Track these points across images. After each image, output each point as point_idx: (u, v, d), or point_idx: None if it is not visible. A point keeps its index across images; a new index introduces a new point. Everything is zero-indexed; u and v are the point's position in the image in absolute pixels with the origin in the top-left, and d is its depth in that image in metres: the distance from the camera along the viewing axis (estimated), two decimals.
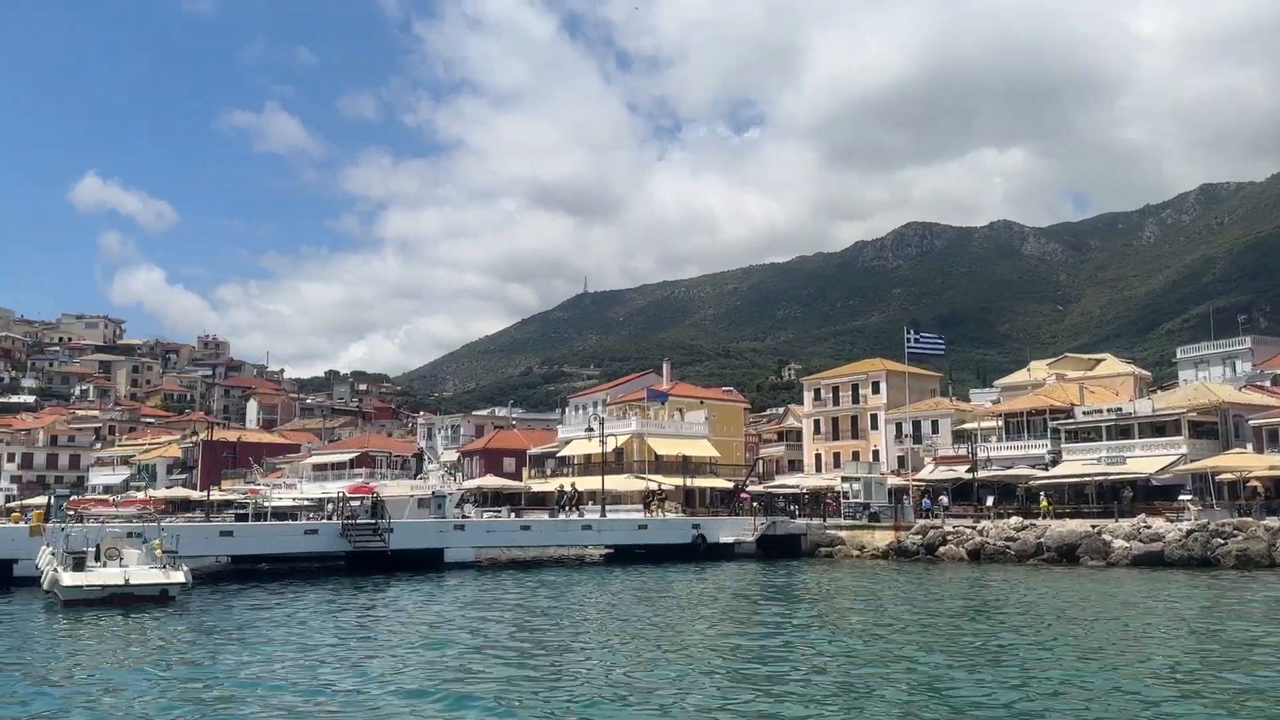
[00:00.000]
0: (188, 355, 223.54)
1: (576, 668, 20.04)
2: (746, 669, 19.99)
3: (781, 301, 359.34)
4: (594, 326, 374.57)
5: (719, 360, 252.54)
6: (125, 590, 27.82)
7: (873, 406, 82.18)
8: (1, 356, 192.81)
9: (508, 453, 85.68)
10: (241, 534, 40.52)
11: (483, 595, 34.14)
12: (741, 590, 37.65)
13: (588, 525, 48.93)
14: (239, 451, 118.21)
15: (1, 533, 34.27)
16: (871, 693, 17.42)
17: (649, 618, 28.32)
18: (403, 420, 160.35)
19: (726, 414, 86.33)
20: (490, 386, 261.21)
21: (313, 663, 20.70)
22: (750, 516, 56.83)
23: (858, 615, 29.03)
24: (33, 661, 21.00)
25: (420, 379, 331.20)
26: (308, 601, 32.15)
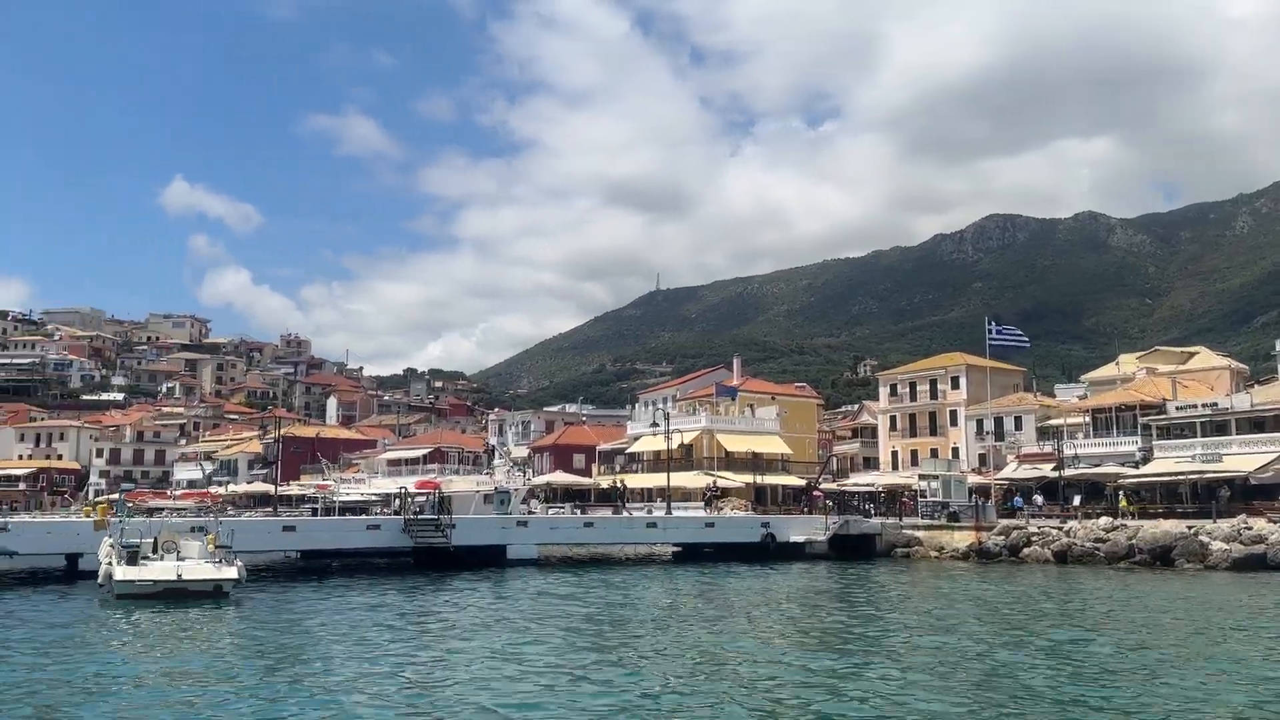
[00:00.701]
0: (271, 353, 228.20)
1: (629, 675, 18.88)
2: (819, 680, 18.60)
3: (857, 297, 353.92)
4: (667, 323, 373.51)
5: (792, 357, 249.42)
6: (178, 585, 27.48)
7: (952, 402, 79.51)
8: (92, 355, 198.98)
9: (577, 449, 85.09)
10: (305, 529, 40.30)
11: (538, 595, 33.19)
12: (812, 592, 36.06)
13: (653, 523, 47.69)
14: (317, 447, 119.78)
15: (67, 527, 34.55)
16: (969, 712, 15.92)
17: (707, 623, 27.04)
18: (477, 417, 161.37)
19: (799, 410, 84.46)
20: (564, 384, 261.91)
21: (345, 662, 20.02)
22: (822, 515, 55.03)
23: (943, 620, 27.26)
24: (73, 654, 20.68)
25: (496, 376, 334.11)
26: (361, 599, 31.57)
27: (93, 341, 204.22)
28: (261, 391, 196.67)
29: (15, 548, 33.43)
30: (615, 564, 46.29)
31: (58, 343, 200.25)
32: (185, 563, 28.46)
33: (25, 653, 20.75)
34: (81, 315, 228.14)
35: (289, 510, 65.68)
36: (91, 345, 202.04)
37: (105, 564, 27.73)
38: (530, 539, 43.21)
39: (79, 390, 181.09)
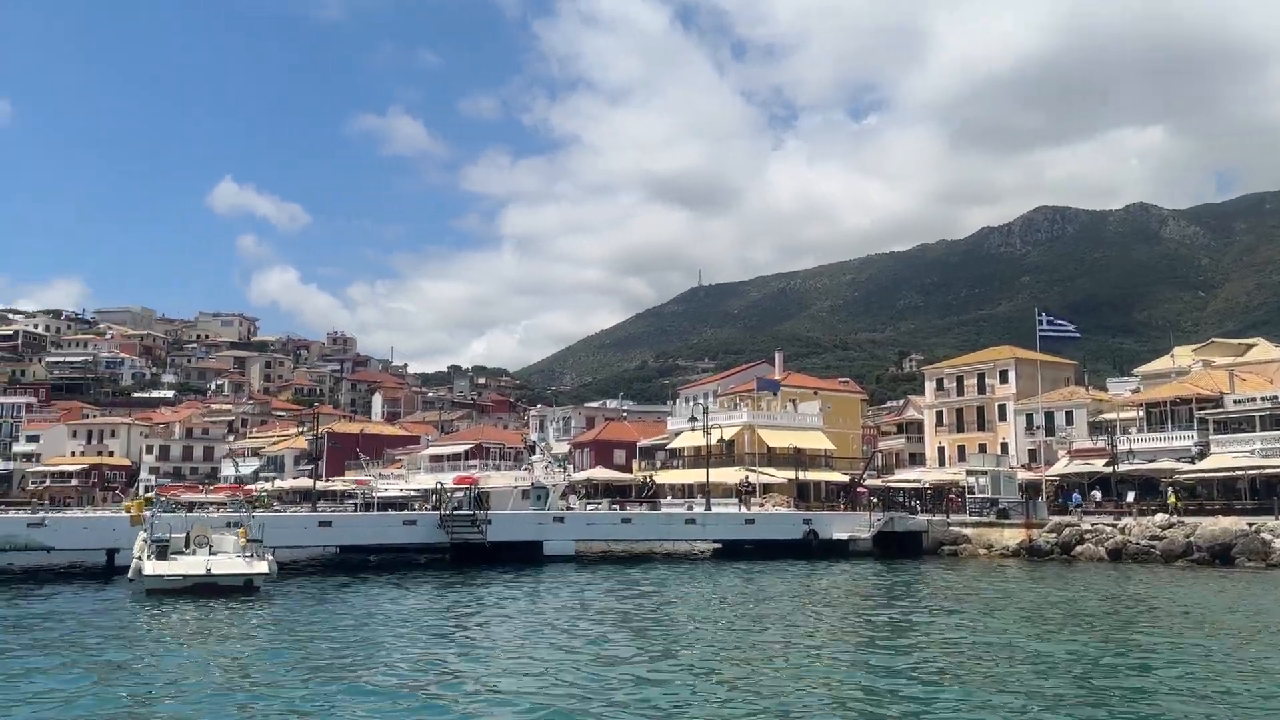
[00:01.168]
0: (317, 351, 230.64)
1: (667, 676, 18.14)
2: (872, 682, 17.74)
3: (902, 291, 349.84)
4: (709, 319, 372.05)
5: (836, 353, 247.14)
6: (208, 580, 27.20)
7: (1000, 396, 77.80)
8: (143, 354, 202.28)
9: (618, 445, 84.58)
10: (341, 524, 40.09)
11: (573, 591, 32.53)
12: (858, 590, 35.05)
13: (691, 519, 46.87)
14: (360, 443, 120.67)
15: (104, 522, 34.56)
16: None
17: (750, 621, 26.21)
18: (519, 413, 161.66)
19: (842, 405, 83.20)
20: (606, 380, 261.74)
21: (367, 658, 19.56)
22: (866, 512, 53.86)
23: (998, 622, 26.15)
24: (95, 647, 20.40)
25: (539, 373, 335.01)
26: (391, 594, 31.16)
27: (144, 340, 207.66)
28: (308, 389, 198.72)
29: (52, 543, 33.50)
30: (654, 561, 45.56)
31: (110, 341, 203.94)
32: (215, 557, 28.21)
33: (40, 646, 20.52)
34: (133, 315, 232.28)
35: (333, 506, 65.84)
36: (142, 344, 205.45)
37: (135, 559, 27.51)
38: (567, 535, 42.65)
39: (130, 388, 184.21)
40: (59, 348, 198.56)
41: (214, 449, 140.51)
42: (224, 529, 31.57)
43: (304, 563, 42.15)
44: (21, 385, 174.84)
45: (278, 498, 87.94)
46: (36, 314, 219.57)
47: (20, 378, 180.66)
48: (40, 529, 33.12)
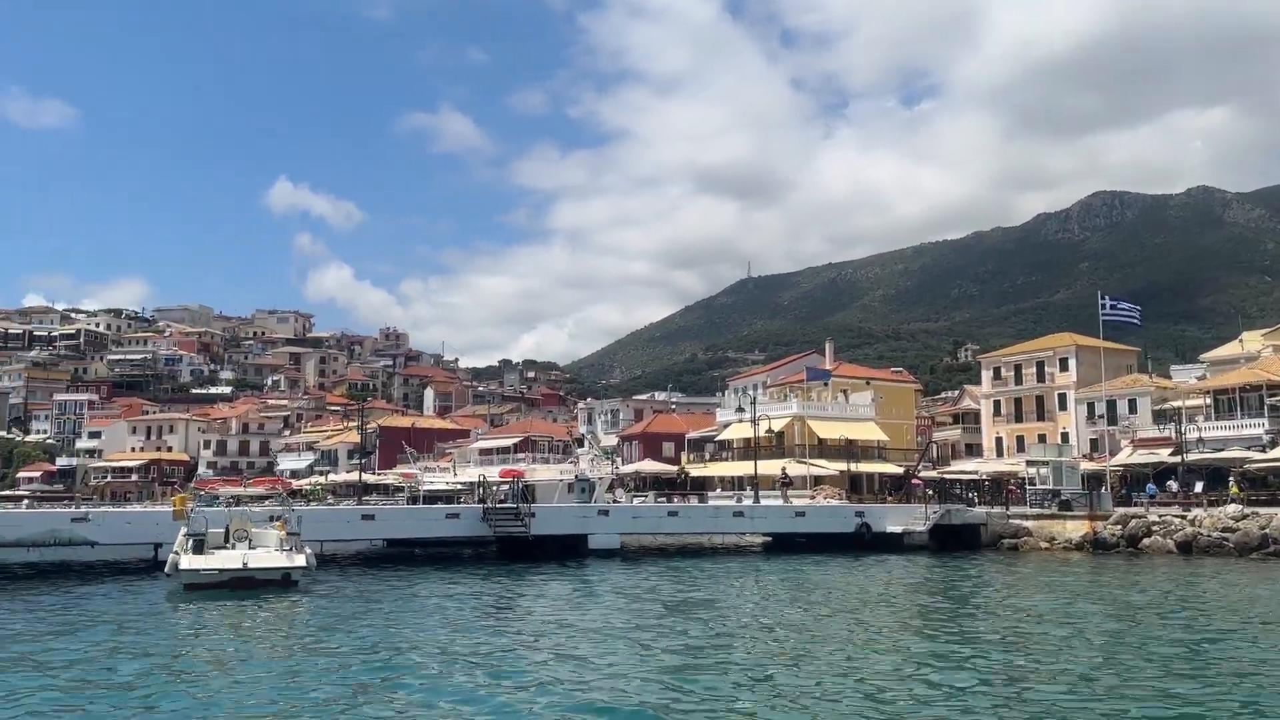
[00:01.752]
0: (371, 346, 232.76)
1: (719, 674, 17.20)
2: (937, 680, 16.65)
3: (957, 280, 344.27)
4: (759, 311, 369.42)
5: (889, 343, 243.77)
6: (245, 574, 26.75)
7: (1060, 385, 75.53)
8: (201, 350, 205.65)
9: (666, 437, 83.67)
10: (384, 517, 39.65)
11: (617, 586, 31.63)
12: (916, 585, 33.63)
13: (739, 512, 45.71)
14: (412, 437, 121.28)
15: (146, 517, 34.48)
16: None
17: (804, 617, 25.15)
18: (569, 407, 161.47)
19: (896, 395, 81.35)
20: (656, 373, 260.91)
21: (394, 653, 18.88)
22: (921, 504, 52.27)
23: (1074, 616, 24.79)
24: (121, 643, 20.00)
25: (588, 367, 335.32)
26: (431, 587, 30.53)
27: (202, 337, 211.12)
28: (362, 383, 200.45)
29: (95, 538, 33.45)
30: (702, 554, 44.53)
31: (169, 339, 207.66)
32: (253, 551, 27.79)
33: (63, 639, 20.18)
34: (191, 312, 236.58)
35: (384, 499, 65.80)
36: (201, 341, 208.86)
37: (172, 554, 27.17)
38: (612, 528, 41.78)
39: (189, 384, 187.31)
40: (120, 346, 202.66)
41: (270, 444, 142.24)
42: (265, 523, 31.25)
43: (349, 556, 41.90)
44: (84, 383, 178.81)
45: (331, 491, 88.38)
46: (98, 313, 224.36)
47: (83, 376, 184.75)
48: (84, 524, 33.08)
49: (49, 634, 21.11)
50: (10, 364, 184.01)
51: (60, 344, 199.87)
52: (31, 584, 29.67)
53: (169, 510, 31.21)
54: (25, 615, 23.51)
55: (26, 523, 32.81)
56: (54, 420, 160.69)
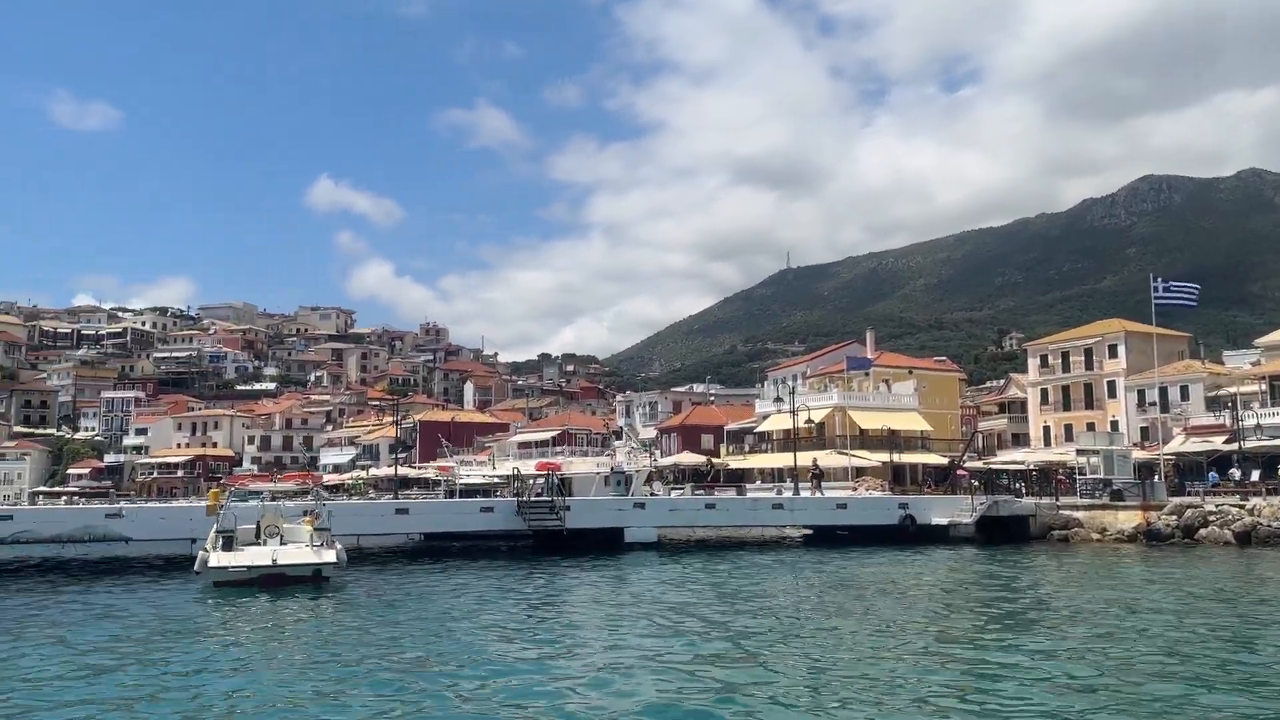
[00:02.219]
0: (411, 342, 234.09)
1: (761, 673, 16.40)
2: (993, 676, 15.74)
3: (1000, 268, 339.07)
4: (799, 302, 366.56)
5: (932, 332, 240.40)
6: (275, 570, 26.21)
7: (1109, 372, 73.60)
8: (245, 347, 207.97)
9: (705, 429, 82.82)
10: (418, 511, 39.18)
11: (653, 580, 30.88)
12: (966, 578, 32.44)
13: (779, 504, 44.62)
14: (452, 431, 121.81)
15: (181, 512, 34.27)
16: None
17: (850, 612, 24.21)
18: (608, 400, 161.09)
19: (939, 385, 79.77)
20: (695, 366, 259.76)
21: (421, 652, 18.26)
22: (967, 495, 50.91)
23: (1139, 610, 23.67)
24: (146, 644, 19.52)
25: (627, 360, 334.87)
26: (463, 582, 29.95)
27: (245, 334, 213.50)
28: (403, 378, 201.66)
29: (130, 534, 33.28)
30: (741, 548, 43.59)
31: (213, 336, 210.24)
32: (282, 547, 27.32)
33: (81, 640, 19.82)
34: (235, 310, 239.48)
35: (424, 493, 65.72)
36: (244, 338, 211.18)
37: (201, 551, 26.70)
38: (648, 521, 40.95)
39: (233, 381, 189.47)
40: (165, 344, 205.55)
41: (313, 439, 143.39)
42: (298, 518, 30.88)
43: (384, 550, 41.58)
44: (131, 380, 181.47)
45: (373, 485, 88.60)
46: (144, 312, 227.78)
47: (129, 373, 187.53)
48: (118, 519, 32.92)
49: (69, 628, 20.78)
50: (59, 363, 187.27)
51: (108, 342, 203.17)
52: (60, 580, 29.47)
53: (203, 506, 30.84)
54: (50, 612, 23.16)
55: (61, 519, 32.74)
56: (102, 417, 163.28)
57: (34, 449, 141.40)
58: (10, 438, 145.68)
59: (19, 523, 31.63)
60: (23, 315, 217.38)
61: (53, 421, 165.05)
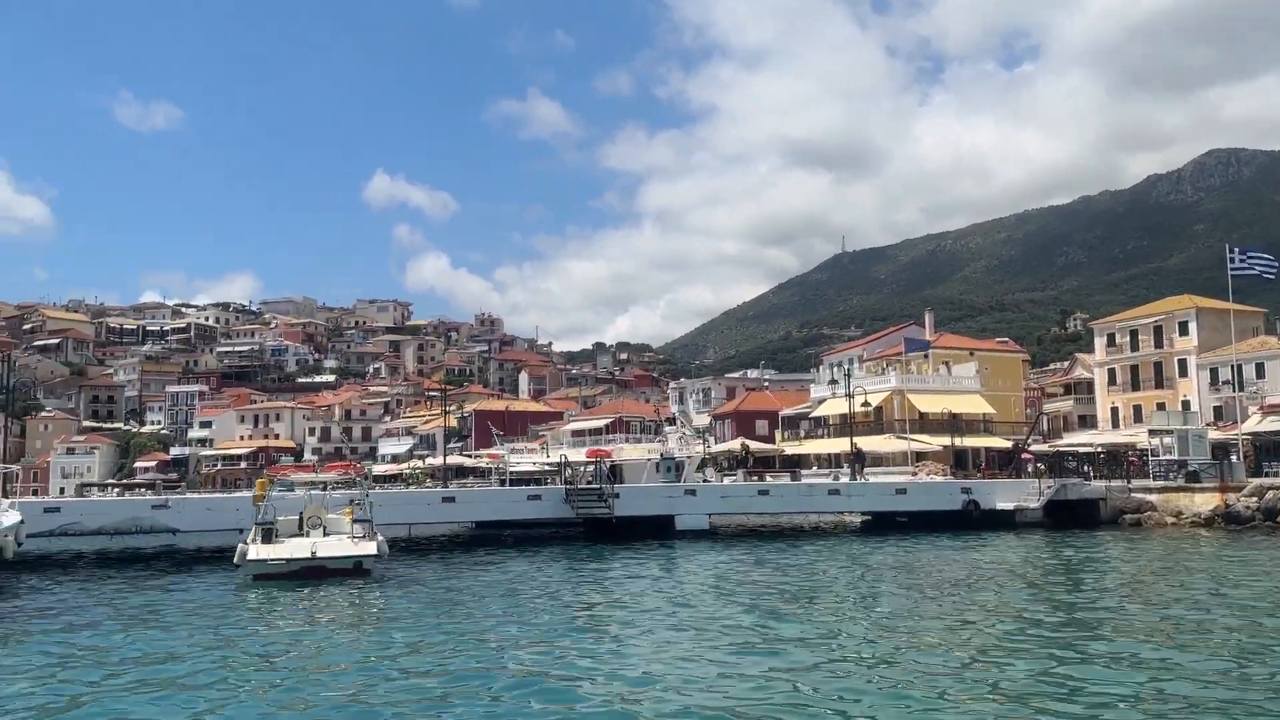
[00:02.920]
0: (467, 333, 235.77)
1: (825, 667, 15.33)
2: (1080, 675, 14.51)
3: (1063, 247, 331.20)
4: (855, 286, 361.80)
5: (993, 315, 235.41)
6: (315, 563, 25.45)
7: (1180, 350, 70.79)
8: (306, 340, 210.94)
9: (759, 415, 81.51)
10: (464, 500, 38.54)
11: (704, 569, 29.82)
12: (1038, 566, 30.73)
13: (835, 490, 43.19)
14: (507, 420, 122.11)
15: (227, 503, 33.95)
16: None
17: (915, 604, 22.97)
18: (661, 387, 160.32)
19: (1001, 366, 77.44)
20: (749, 352, 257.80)
21: (456, 655, 17.36)
22: (1033, 479, 48.98)
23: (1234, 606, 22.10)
24: (178, 639, 18.96)
25: (682, 348, 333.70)
26: (505, 570, 29.19)
27: (306, 328, 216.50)
28: (459, 369, 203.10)
29: (176, 525, 33.06)
30: (796, 535, 42.33)
31: (274, 330, 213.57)
32: (324, 539, 26.68)
33: (113, 634, 19.37)
34: (295, 304, 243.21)
35: (481, 481, 65.50)
36: (305, 331, 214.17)
37: (241, 544, 26.10)
38: (699, 509, 39.86)
39: (294, 374, 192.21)
40: (228, 338, 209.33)
41: (371, 429, 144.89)
42: (343, 508, 30.39)
43: (433, 540, 41.15)
44: (195, 374, 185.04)
45: (430, 475, 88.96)
46: (207, 307, 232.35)
47: (193, 368, 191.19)
48: (164, 511, 32.70)
49: (102, 625, 20.38)
50: (126, 358, 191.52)
51: (172, 338, 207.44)
52: (101, 572, 29.24)
53: (249, 496, 30.46)
54: (89, 608, 22.74)
55: (108, 511, 32.67)
56: (167, 411, 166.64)
57: (103, 443, 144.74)
58: (80, 432, 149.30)
59: (66, 515, 31.60)
60: (90, 313, 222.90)
61: (120, 416, 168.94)
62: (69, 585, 25.38)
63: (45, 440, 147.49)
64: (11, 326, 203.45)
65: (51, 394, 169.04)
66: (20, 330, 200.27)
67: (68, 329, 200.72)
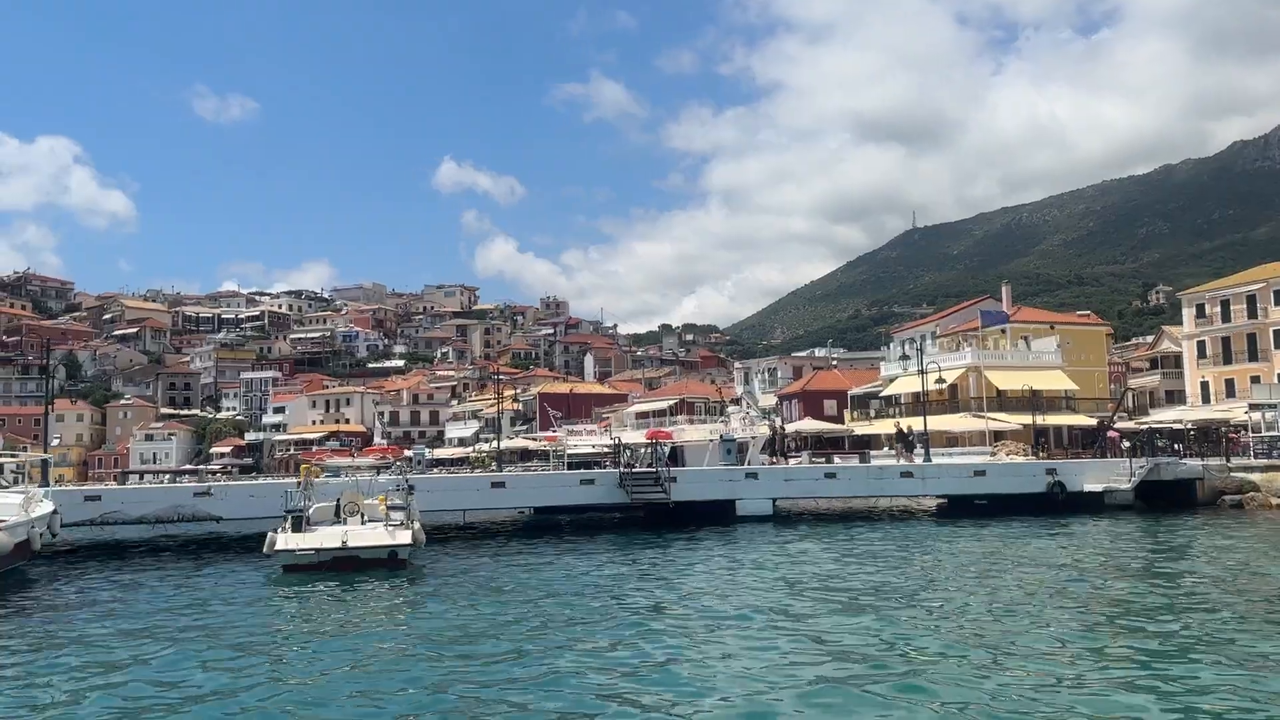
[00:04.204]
0: (533, 316, 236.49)
1: (911, 677, 13.41)
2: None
3: (1144, 218, 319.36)
4: (927, 263, 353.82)
5: (1070, 289, 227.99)
6: (346, 553, 23.82)
7: (1276, 320, 66.50)
8: (375, 326, 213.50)
9: (828, 394, 78.94)
10: (514, 485, 36.93)
11: (767, 558, 27.77)
12: (1145, 554, 27.84)
13: (908, 472, 40.65)
14: (570, 402, 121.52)
15: (271, 489, 32.79)
16: None
17: (1013, 598, 20.74)
18: (728, 368, 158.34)
19: (1084, 339, 73.68)
20: (818, 332, 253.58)
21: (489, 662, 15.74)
22: (1122, 458, 45.82)
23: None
24: (194, 635, 17.60)
25: (749, 329, 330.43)
26: (552, 559, 27.48)
27: (376, 314, 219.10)
28: (525, 352, 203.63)
29: (220, 513, 32.09)
30: (866, 520, 39.95)
31: (345, 316, 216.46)
32: (357, 527, 25.19)
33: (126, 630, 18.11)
34: (365, 291, 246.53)
35: (544, 465, 64.45)
36: (375, 317, 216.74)
37: (270, 533, 24.66)
38: (762, 492, 37.72)
39: (365, 359, 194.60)
40: (301, 325, 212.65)
41: (439, 413, 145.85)
42: (392, 493, 29.08)
43: (492, 525, 39.83)
44: (268, 361, 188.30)
45: (495, 458, 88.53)
46: (281, 295, 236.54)
47: (267, 355, 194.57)
48: (206, 498, 31.77)
49: (89, 631, 19.09)
50: (202, 346, 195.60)
51: (246, 326, 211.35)
52: (129, 564, 28.21)
53: (294, 482, 29.29)
54: (82, 608, 21.30)
55: (149, 499, 31.84)
56: (242, 397, 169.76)
57: (180, 429, 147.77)
58: (158, 419, 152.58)
59: (107, 503, 30.83)
60: (167, 302, 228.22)
61: (196, 402, 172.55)
62: (91, 578, 24.22)
63: (125, 427, 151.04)
64: (93, 316, 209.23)
65: (130, 382, 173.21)
66: (101, 320, 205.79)
67: (146, 318, 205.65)
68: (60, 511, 27.65)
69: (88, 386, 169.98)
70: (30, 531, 22.99)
